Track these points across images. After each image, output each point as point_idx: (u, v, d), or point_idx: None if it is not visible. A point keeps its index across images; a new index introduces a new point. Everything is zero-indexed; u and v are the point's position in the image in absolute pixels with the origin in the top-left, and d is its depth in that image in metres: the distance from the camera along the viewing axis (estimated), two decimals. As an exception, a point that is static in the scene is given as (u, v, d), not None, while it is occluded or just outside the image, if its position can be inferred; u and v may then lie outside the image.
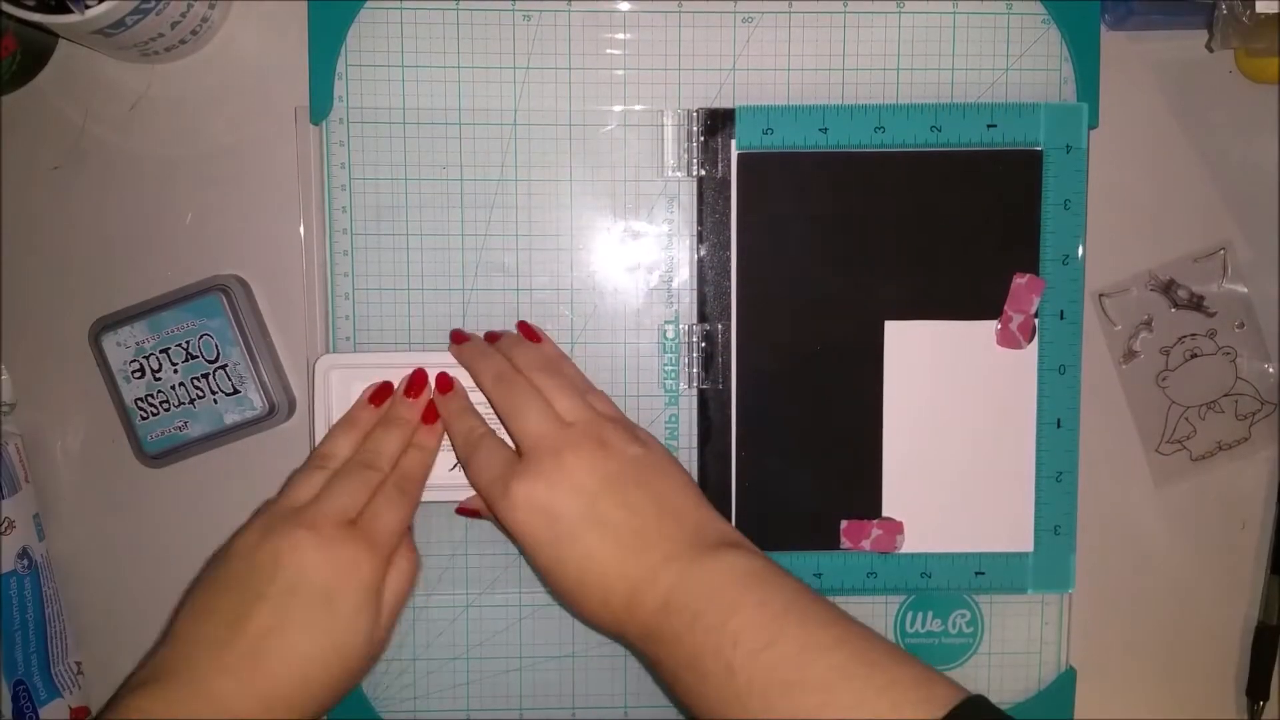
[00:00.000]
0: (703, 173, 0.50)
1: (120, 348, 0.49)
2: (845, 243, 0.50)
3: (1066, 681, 0.53)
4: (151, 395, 0.50)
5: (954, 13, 0.51)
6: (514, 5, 0.50)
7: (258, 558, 0.41)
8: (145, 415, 0.50)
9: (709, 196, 0.50)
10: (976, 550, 0.52)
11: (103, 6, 0.43)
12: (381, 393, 0.48)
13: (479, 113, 0.50)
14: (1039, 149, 0.50)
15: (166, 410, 0.50)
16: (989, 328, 0.51)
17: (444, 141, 0.50)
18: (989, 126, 0.50)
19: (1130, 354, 0.53)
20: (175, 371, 0.49)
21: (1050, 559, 0.52)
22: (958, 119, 0.50)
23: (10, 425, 0.52)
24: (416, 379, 0.48)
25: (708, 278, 0.50)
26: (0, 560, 0.49)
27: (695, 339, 0.51)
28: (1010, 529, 0.52)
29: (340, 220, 0.50)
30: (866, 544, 0.51)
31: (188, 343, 0.49)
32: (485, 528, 0.52)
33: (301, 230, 0.51)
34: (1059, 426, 0.51)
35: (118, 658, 0.53)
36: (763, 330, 0.51)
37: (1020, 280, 0.50)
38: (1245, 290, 0.53)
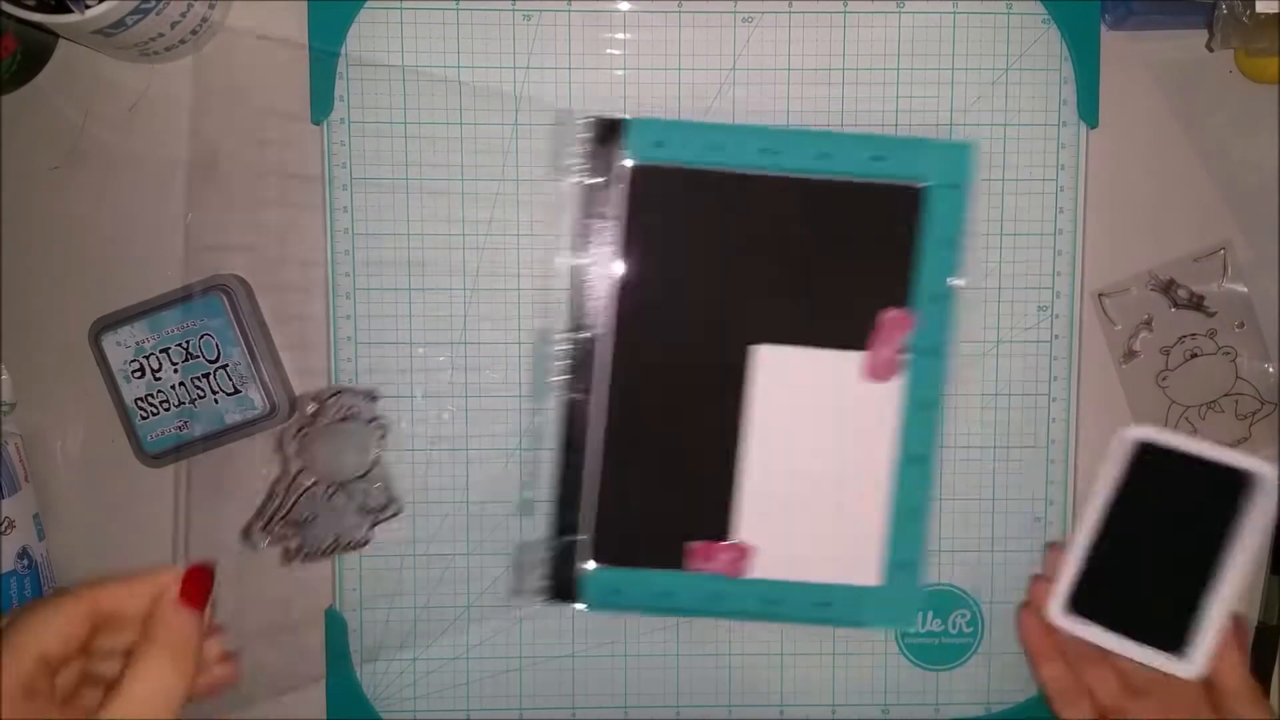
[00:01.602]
0: (590, 181, 0.50)
1: (120, 347, 0.49)
2: (724, 262, 0.50)
3: (1067, 681, 0.53)
4: (152, 395, 0.50)
5: (954, 12, 0.51)
6: (514, 5, 0.50)
7: None
8: (145, 415, 0.50)
9: (594, 205, 0.50)
10: (824, 581, 0.51)
11: (102, 6, 0.43)
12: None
13: (479, 112, 0.50)
14: (922, 185, 0.50)
15: (167, 410, 0.50)
16: (857, 359, 0.51)
17: (444, 141, 0.50)
18: (876, 158, 0.50)
19: (1130, 354, 0.53)
20: (175, 371, 0.49)
21: (897, 594, 0.51)
22: (846, 148, 0.50)
23: (10, 425, 0.52)
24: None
25: (585, 286, 0.50)
26: (0, 560, 0.49)
27: (567, 347, 0.51)
28: (859, 562, 0.51)
29: (341, 220, 0.50)
30: (715, 566, 0.51)
31: (188, 342, 0.49)
32: (485, 528, 0.52)
33: (302, 230, 0.51)
34: (917, 462, 0.51)
35: (118, 658, 0.53)
36: (636, 343, 0.50)
37: (890, 314, 0.50)
38: (1245, 290, 0.53)
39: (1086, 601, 0.47)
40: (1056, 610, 0.47)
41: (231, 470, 0.52)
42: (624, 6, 0.50)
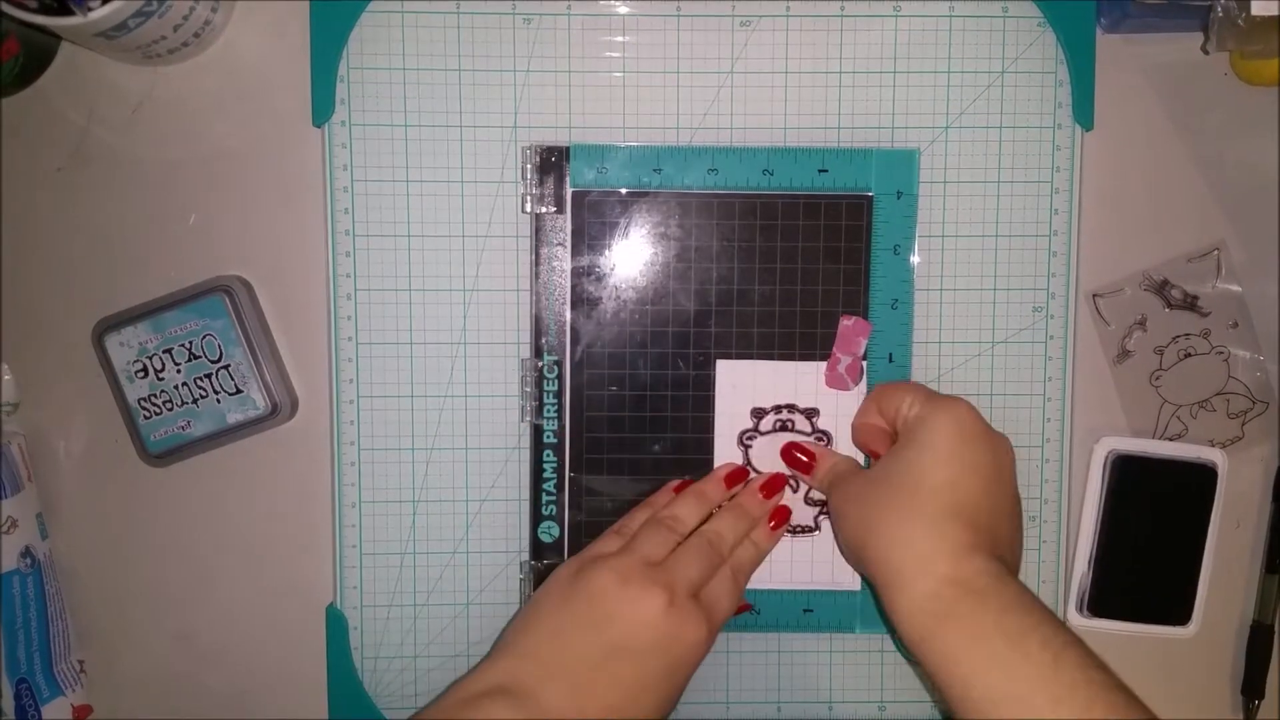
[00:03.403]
0: (541, 209, 0.50)
1: (123, 348, 0.50)
2: (678, 281, 0.51)
3: (1062, 679, 0.53)
4: (154, 395, 0.50)
5: (950, 15, 0.51)
6: (514, 8, 0.50)
7: (619, 608, 0.44)
8: (148, 415, 0.50)
9: (545, 232, 0.50)
10: (805, 588, 0.52)
11: (105, 9, 0.43)
12: (736, 476, 0.50)
13: (479, 115, 0.51)
14: (869, 194, 0.50)
15: (169, 410, 0.50)
16: (818, 368, 0.51)
17: (445, 144, 0.51)
18: (820, 171, 0.50)
19: (1124, 354, 0.53)
20: (178, 371, 0.50)
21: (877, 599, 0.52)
22: (789, 163, 0.50)
23: (13, 424, 0.52)
24: (775, 481, 0.50)
25: (544, 313, 0.51)
26: (2, 559, 0.49)
27: (529, 373, 0.51)
28: (839, 567, 0.52)
29: (343, 221, 0.51)
30: None
31: (190, 343, 0.50)
32: (486, 526, 0.52)
33: (304, 231, 0.51)
34: None
35: (120, 656, 0.53)
36: (596, 367, 0.51)
37: (847, 322, 0.51)
38: (1239, 290, 0.53)
39: (1101, 603, 0.53)
40: (1075, 615, 0.53)
41: (234, 470, 0.52)
42: (623, 10, 0.51)
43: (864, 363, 0.51)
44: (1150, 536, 0.53)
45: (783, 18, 0.51)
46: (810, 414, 0.51)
